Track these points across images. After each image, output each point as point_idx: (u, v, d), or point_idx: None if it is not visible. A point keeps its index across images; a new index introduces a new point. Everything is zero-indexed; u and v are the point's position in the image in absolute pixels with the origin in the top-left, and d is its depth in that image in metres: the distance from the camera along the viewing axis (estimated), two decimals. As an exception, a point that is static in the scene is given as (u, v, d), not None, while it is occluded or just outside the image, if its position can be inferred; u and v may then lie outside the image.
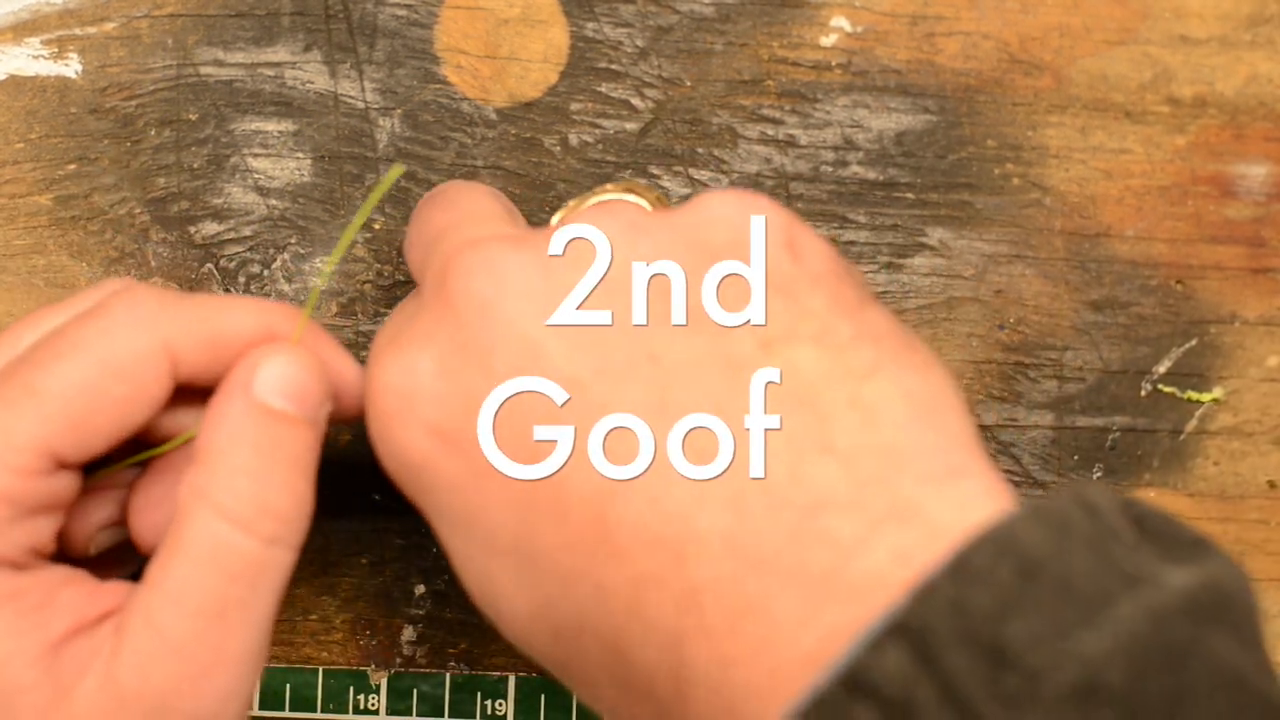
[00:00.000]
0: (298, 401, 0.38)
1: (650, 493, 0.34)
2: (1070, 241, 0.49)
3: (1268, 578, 0.49)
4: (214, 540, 0.36)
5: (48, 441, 0.36)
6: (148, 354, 0.37)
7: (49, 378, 0.36)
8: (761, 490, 0.33)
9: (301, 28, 0.48)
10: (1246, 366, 0.49)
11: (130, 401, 0.37)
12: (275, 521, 0.37)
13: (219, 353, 0.39)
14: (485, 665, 0.48)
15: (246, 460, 0.37)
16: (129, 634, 0.36)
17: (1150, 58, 0.49)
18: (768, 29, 0.49)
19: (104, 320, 0.37)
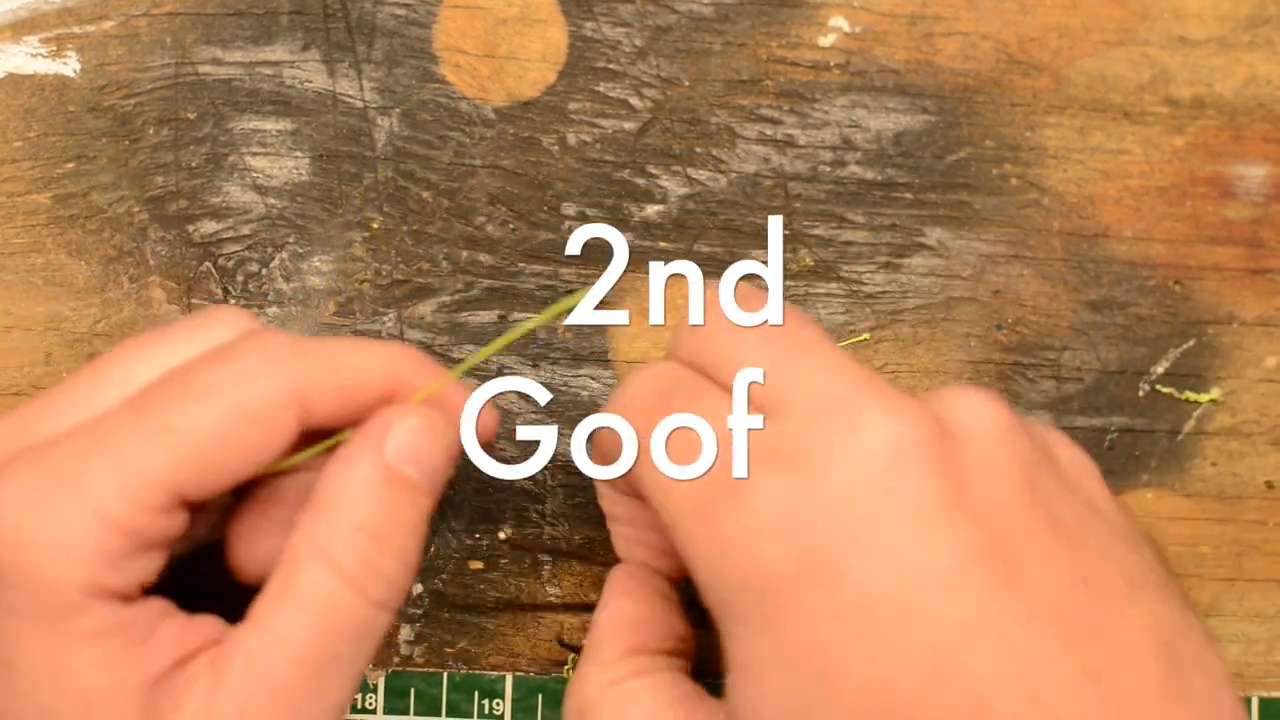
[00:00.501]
0: (427, 470, 0.39)
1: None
2: (1068, 242, 0.49)
3: (1265, 578, 0.49)
4: (327, 596, 0.37)
5: (176, 480, 0.37)
6: (281, 401, 0.38)
7: (184, 418, 0.37)
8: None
9: (300, 26, 0.48)
10: (1244, 367, 0.49)
11: (260, 447, 0.38)
12: (386, 587, 0.38)
13: (347, 400, 0.39)
14: (483, 665, 0.48)
15: (368, 522, 0.38)
16: (231, 672, 0.37)
17: (1149, 58, 0.49)
18: (766, 29, 0.49)
19: (239, 364, 0.38)
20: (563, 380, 0.48)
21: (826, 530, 0.35)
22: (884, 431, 0.36)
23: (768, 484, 0.36)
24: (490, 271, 0.48)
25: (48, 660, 0.36)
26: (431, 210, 0.48)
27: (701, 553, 0.37)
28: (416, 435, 0.39)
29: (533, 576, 0.48)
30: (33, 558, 0.36)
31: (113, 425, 0.37)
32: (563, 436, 0.48)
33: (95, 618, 0.36)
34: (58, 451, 0.37)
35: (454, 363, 0.48)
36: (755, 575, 0.36)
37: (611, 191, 0.49)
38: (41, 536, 0.36)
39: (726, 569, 0.36)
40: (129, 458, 0.36)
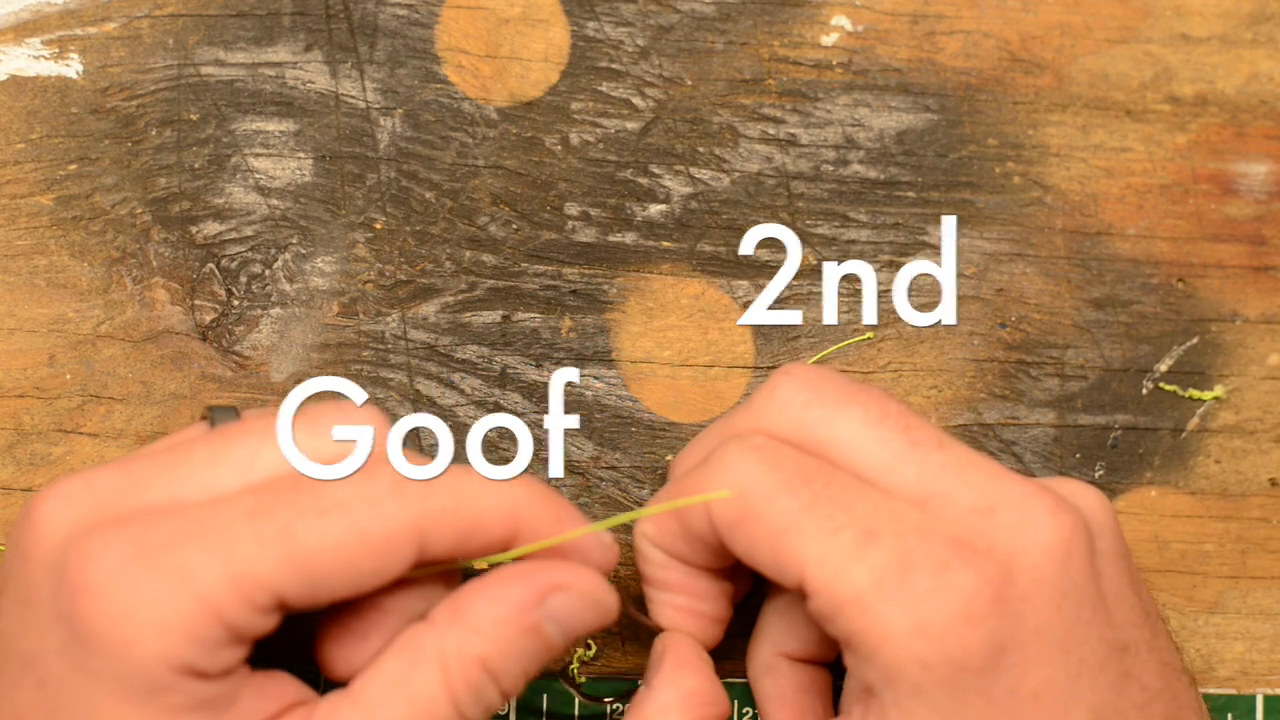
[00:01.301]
0: (568, 635, 0.40)
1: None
2: (1071, 240, 0.49)
3: (1269, 575, 0.49)
4: (431, 704, 0.38)
5: (284, 586, 0.37)
6: (403, 533, 0.38)
7: (308, 531, 0.37)
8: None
9: (302, 27, 0.48)
10: (1248, 365, 0.49)
11: (373, 574, 0.38)
12: (483, 712, 0.39)
13: (466, 539, 0.39)
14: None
15: (496, 661, 0.39)
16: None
17: (1151, 56, 0.49)
18: (769, 28, 0.49)
19: (370, 488, 0.38)
20: (566, 380, 0.48)
21: (1015, 622, 0.38)
22: (1054, 532, 0.39)
23: (968, 574, 0.38)
24: (493, 272, 0.48)
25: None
26: (434, 211, 0.48)
27: (893, 632, 0.38)
28: (578, 605, 0.40)
29: (537, 576, 0.48)
30: (126, 631, 0.36)
31: (229, 516, 0.37)
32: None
33: (181, 696, 0.37)
34: (169, 527, 0.37)
35: (458, 364, 0.48)
36: (951, 659, 0.38)
37: (614, 191, 0.49)
38: (139, 611, 0.36)
39: (924, 650, 0.38)
40: (242, 555, 0.37)
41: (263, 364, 0.48)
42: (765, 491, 0.40)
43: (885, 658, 0.38)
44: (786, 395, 0.41)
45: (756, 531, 0.40)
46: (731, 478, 0.40)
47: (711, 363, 0.49)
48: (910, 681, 0.38)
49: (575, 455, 0.49)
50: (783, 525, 0.39)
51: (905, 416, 0.41)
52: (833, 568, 0.38)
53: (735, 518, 0.40)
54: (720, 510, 0.40)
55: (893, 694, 0.38)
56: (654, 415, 0.49)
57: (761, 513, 0.39)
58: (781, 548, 0.39)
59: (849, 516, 0.39)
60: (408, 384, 0.48)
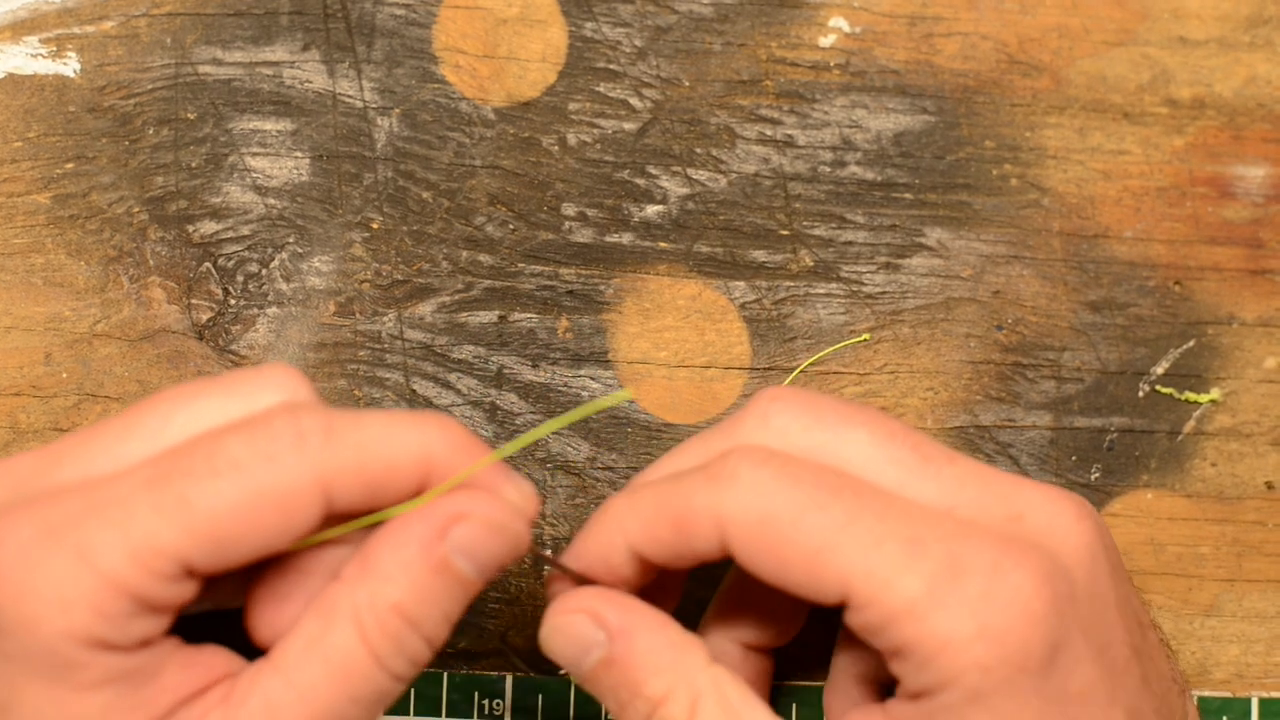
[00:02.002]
0: (481, 568, 0.38)
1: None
2: (1068, 242, 0.49)
3: (1266, 579, 0.49)
4: (351, 661, 0.37)
5: (188, 553, 0.36)
6: (305, 488, 0.37)
7: (204, 495, 0.36)
8: None
9: (300, 27, 0.48)
10: (1244, 368, 0.49)
11: (278, 532, 0.37)
12: (408, 664, 0.38)
13: (375, 489, 0.38)
14: (482, 665, 0.48)
15: (406, 604, 0.38)
16: (244, 714, 0.37)
17: (1149, 59, 0.49)
18: (766, 29, 0.49)
19: (267, 443, 0.37)
20: (563, 380, 0.48)
21: (1065, 622, 0.38)
22: (1082, 535, 0.39)
23: (1022, 574, 0.38)
24: (490, 272, 0.48)
25: (52, 709, 0.36)
26: (431, 210, 0.48)
27: (952, 638, 0.37)
28: (484, 533, 0.38)
29: (533, 576, 0.48)
30: (29, 610, 0.36)
31: (127, 489, 0.36)
32: (560, 437, 0.48)
33: (96, 670, 0.36)
34: (68, 505, 0.37)
35: (455, 364, 0.48)
36: (1011, 660, 0.37)
37: (611, 192, 0.49)
38: (39, 589, 0.36)
39: (984, 653, 0.37)
40: (139, 525, 0.36)
41: (259, 363, 0.48)
42: (792, 511, 0.38)
43: (943, 664, 0.37)
44: (784, 421, 0.40)
45: (787, 553, 0.38)
46: (748, 497, 0.39)
47: (708, 364, 0.49)
48: (968, 686, 0.37)
49: (572, 456, 0.49)
50: (817, 544, 0.38)
51: (911, 434, 0.40)
52: (881, 580, 0.38)
53: (759, 541, 0.39)
54: (741, 535, 0.39)
55: (948, 699, 0.38)
56: (650, 416, 0.49)
57: (791, 534, 0.38)
58: (819, 567, 0.38)
59: (887, 527, 0.38)
60: (404, 384, 0.48)
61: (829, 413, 0.40)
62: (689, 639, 0.40)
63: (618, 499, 0.41)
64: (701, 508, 0.39)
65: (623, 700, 0.40)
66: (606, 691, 0.40)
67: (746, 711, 0.39)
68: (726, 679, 0.40)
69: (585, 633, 0.40)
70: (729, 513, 0.39)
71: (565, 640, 0.40)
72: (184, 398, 0.38)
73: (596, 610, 0.40)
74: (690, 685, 0.39)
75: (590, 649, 0.40)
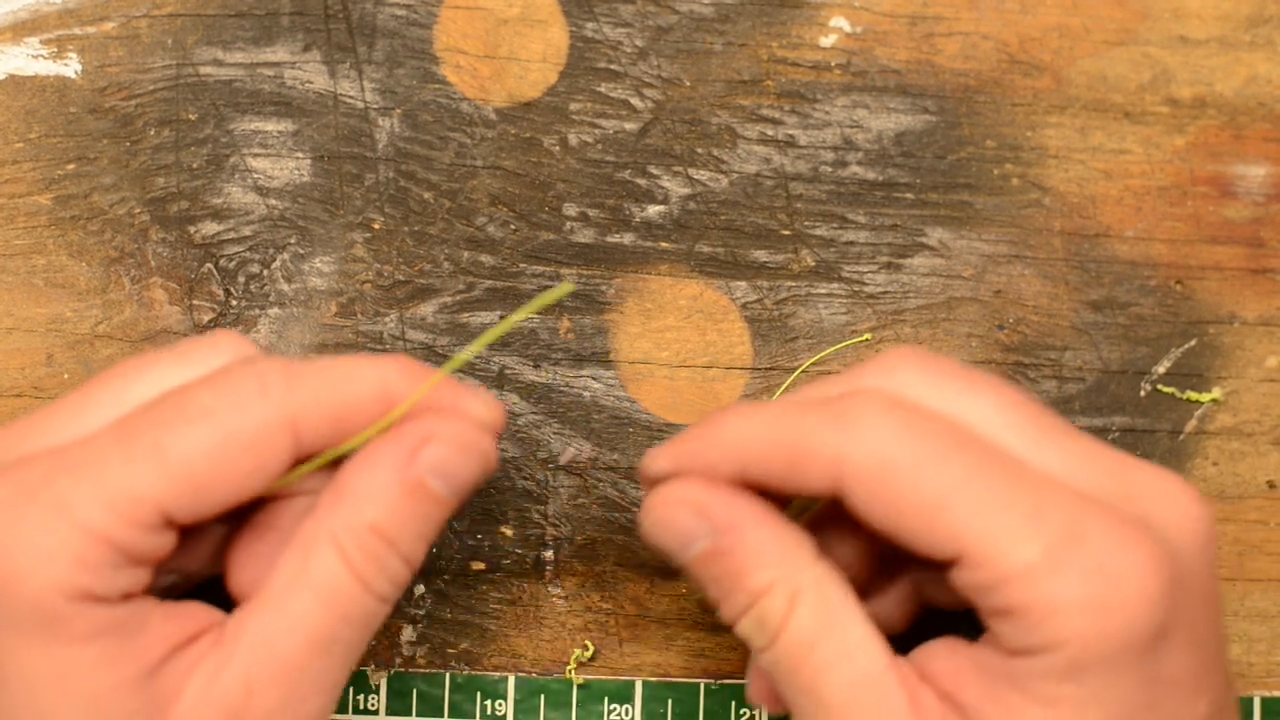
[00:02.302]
0: (454, 487, 0.39)
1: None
2: (1069, 242, 0.49)
3: (1267, 578, 0.49)
4: (336, 582, 0.38)
5: (164, 501, 0.37)
6: (274, 429, 0.38)
7: (177, 441, 0.37)
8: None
9: (301, 27, 0.48)
10: (1246, 367, 0.49)
11: (252, 472, 0.38)
12: (390, 584, 0.39)
13: (341, 424, 0.39)
14: (485, 665, 0.48)
15: (382, 524, 0.38)
16: (239, 649, 0.38)
17: (1150, 58, 0.49)
18: (767, 29, 0.49)
19: (233, 391, 0.38)
20: (564, 381, 0.48)
21: (1175, 606, 0.38)
22: (1199, 522, 0.39)
23: (1142, 554, 0.37)
24: (492, 272, 0.48)
25: (45, 665, 0.36)
26: (433, 211, 0.48)
27: (1064, 606, 0.37)
28: (453, 452, 0.39)
29: (535, 577, 0.48)
30: (12, 567, 0.36)
31: (99, 443, 0.37)
32: (560, 437, 0.48)
33: (86, 621, 0.36)
34: (39, 466, 0.37)
35: (455, 363, 0.48)
36: (1119, 636, 0.37)
37: (613, 192, 0.49)
38: (20, 546, 0.36)
39: (1094, 626, 0.37)
40: (115, 475, 0.37)
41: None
42: (915, 462, 0.38)
43: (1048, 630, 0.37)
44: (909, 377, 0.40)
45: (903, 504, 0.38)
46: (871, 442, 0.38)
47: (710, 364, 0.49)
48: (1068, 656, 0.37)
49: (574, 456, 0.49)
50: (937, 499, 0.38)
51: (1033, 404, 0.40)
52: (999, 542, 0.37)
53: (876, 488, 0.38)
54: (858, 480, 0.38)
55: (1043, 665, 0.37)
56: (652, 416, 0.49)
57: (910, 486, 0.38)
58: (936, 522, 0.38)
59: (1009, 490, 0.38)
60: (405, 384, 0.48)
61: (954, 374, 0.40)
62: (795, 534, 0.40)
63: (734, 415, 0.40)
64: (821, 446, 0.39)
65: (724, 591, 0.40)
66: (708, 581, 0.40)
67: (844, 612, 0.39)
68: (829, 578, 0.39)
69: (690, 525, 0.40)
70: (849, 456, 0.38)
71: (668, 532, 0.40)
72: (139, 368, 0.39)
73: (703, 504, 0.40)
74: (793, 580, 0.39)
75: (694, 541, 0.40)
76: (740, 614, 0.39)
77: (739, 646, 0.48)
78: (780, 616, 0.39)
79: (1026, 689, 0.37)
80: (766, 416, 0.40)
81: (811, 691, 0.39)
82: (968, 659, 0.39)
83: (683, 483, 0.40)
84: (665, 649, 0.48)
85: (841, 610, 0.39)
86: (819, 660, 0.39)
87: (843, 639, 0.39)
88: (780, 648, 0.39)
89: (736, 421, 0.40)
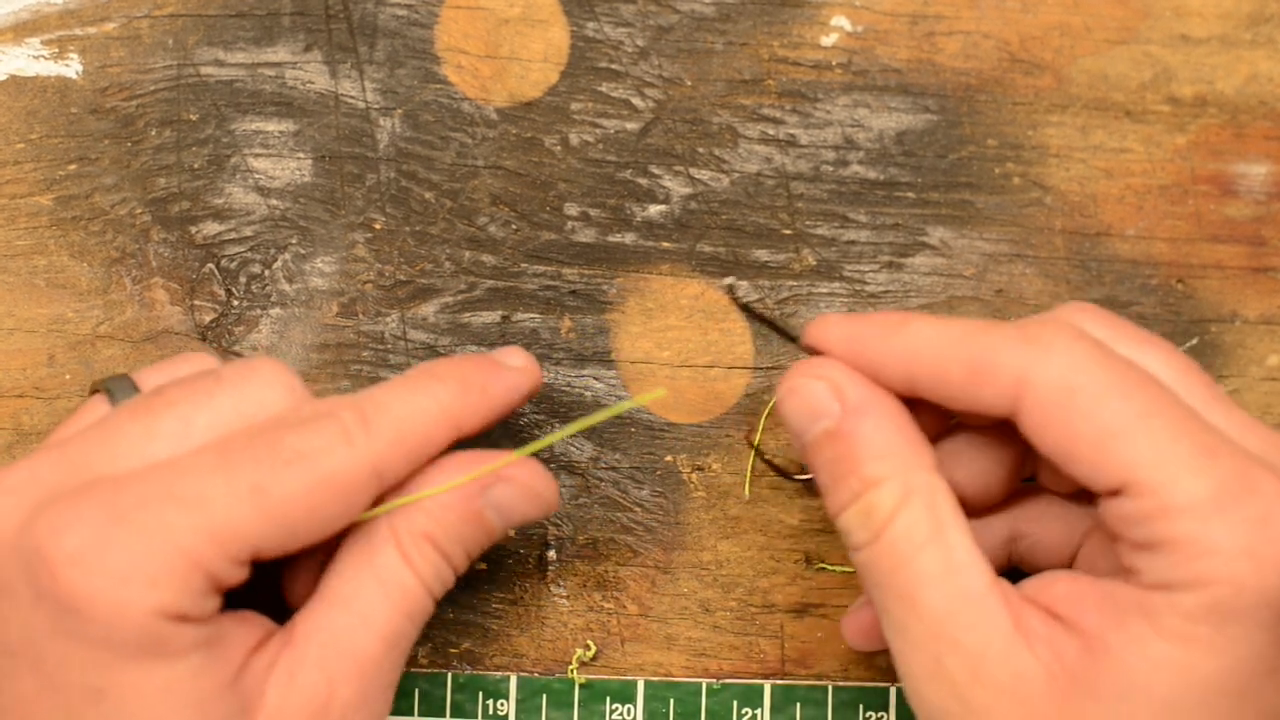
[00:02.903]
0: (509, 522, 0.42)
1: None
2: (1071, 241, 0.49)
3: (1269, 576, 0.49)
4: (399, 580, 0.40)
5: (258, 538, 0.38)
6: (363, 476, 0.40)
7: (277, 483, 0.38)
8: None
9: (302, 28, 0.48)
10: (1247, 365, 0.49)
11: (340, 517, 0.40)
12: (439, 582, 0.41)
13: (415, 460, 0.41)
14: (487, 665, 0.48)
15: (439, 536, 0.41)
16: (313, 648, 0.39)
17: (1151, 57, 0.49)
18: (768, 28, 0.49)
19: (322, 437, 0.39)
20: (566, 380, 0.48)
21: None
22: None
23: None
24: (493, 272, 0.48)
25: (147, 680, 0.37)
26: (434, 211, 0.48)
27: (1221, 548, 0.37)
28: (519, 496, 0.42)
29: (537, 577, 0.48)
30: (119, 592, 0.37)
31: (200, 475, 0.38)
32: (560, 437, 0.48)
33: (181, 640, 0.38)
34: (137, 489, 0.38)
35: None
36: (1266, 591, 0.37)
37: (614, 192, 0.49)
38: (127, 568, 0.37)
39: (1247, 574, 0.37)
40: (220, 511, 0.38)
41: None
42: (1098, 389, 0.38)
43: (1202, 568, 0.37)
44: (1089, 327, 0.41)
45: (1081, 428, 0.38)
46: (1059, 365, 0.39)
47: (711, 363, 0.49)
48: (1215, 598, 0.37)
49: (575, 456, 0.49)
50: (1115, 427, 0.38)
51: (1205, 373, 0.41)
52: (1168, 474, 0.38)
53: (1056, 410, 0.39)
54: (1040, 400, 0.39)
55: (1185, 602, 0.37)
56: (653, 416, 0.49)
57: (1090, 411, 0.38)
58: (1109, 449, 0.38)
59: (1185, 429, 0.38)
60: (407, 384, 0.48)
61: (1132, 330, 0.41)
62: (922, 440, 0.40)
63: (918, 318, 0.41)
64: (1007, 362, 0.39)
65: (837, 475, 0.40)
66: (824, 464, 0.40)
67: (953, 525, 0.39)
68: (943, 489, 0.40)
69: (821, 401, 0.40)
70: (1036, 376, 0.39)
71: (799, 403, 0.41)
72: (198, 398, 0.40)
73: (838, 382, 0.40)
74: (907, 479, 0.39)
75: (821, 417, 0.40)
76: (847, 503, 0.40)
77: (741, 646, 0.48)
78: (888, 512, 0.39)
79: (1159, 622, 0.37)
80: (952, 326, 0.40)
81: (908, 597, 0.39)
82: (1093, 588, 0.39)
83: (825, 360, 0.41)
84: (667, 648, 0.48)
85: (951, 522, 0.39)
86: (921, 566, 0.39)
87: (947, 549, 0.39)
88: (882, 545, 0.39)
89: (920, 324, 0.40)
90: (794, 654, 0.48)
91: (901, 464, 0.39)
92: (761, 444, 0.48)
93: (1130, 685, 0.37)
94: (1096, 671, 0.38)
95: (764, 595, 0.48)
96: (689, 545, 0.48)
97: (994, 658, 0.38)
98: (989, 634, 0.38)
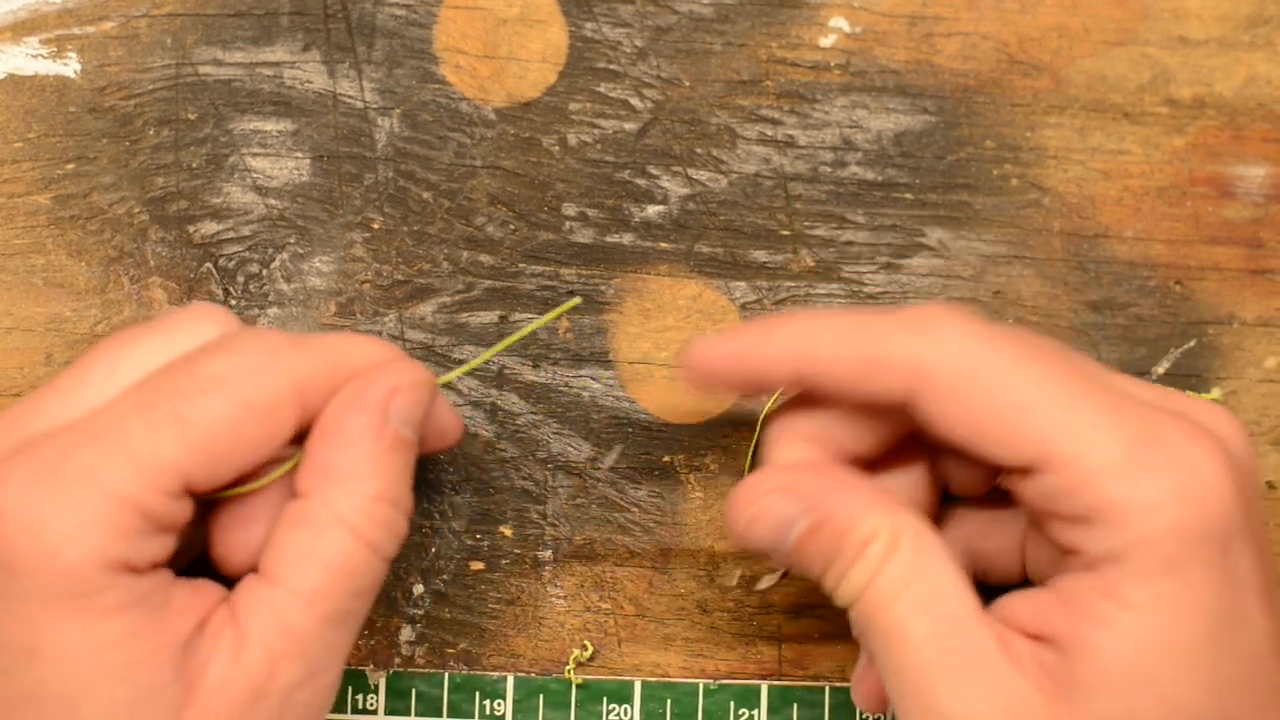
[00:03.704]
0: (416, 426, 0.41)
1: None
2: (1069, 242, 0.49)
3: (1266, 578, 0.49)
4: (349, 557, 0.39)
5: (186, 468, 0.38)
6: (284, 395, 0.39)
7: (195, 410, 0.38)
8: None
9: (300, 27, 0.48)
10: (1245, 367, 0.49)
11: (264, 440, 0.39)
12: (395, 541, 0.40)
13: (337, 388, 0.40)
14: (483, 665, 0.48)
15: (385, 491, 0.40)
16: (256, 628, 0.39)
17: (1149, 59, 0.49)
18: (766, 29, 0.49)
19: (244, 358, 0.39)
20: (563, 381, 0.48)
21: (1242, 508, 0.38)
22: (1243, 436, 0.40)
23: (1215, 452, 0.38)
24: (491, 272, 0.48)
25: (80, 638, 0.37)
26: (432, 211, 0.48)
27: (1153, 500, 0.37)
28: (412, 396, 0.41)
29: (534, 577, 0.48)
30: (48, 541, 0.36)
31: (120, 414, 0.38)
32: (560, 437, 0.48)
33: (119, 591, 0.37)
34: (60, 440, 0.38)
35: (455, 364, 0.48)
36: (1208, 529, 0.37)
37: (612, 192, 0.49)
38: (54, 520, 0.37)
39: (1186, 518, 0.37)
40: (140, 443, 0.37)
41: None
42: (995, 366, 0.38)
43: (1140, 526, 0.37)
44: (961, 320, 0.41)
45: (984, 408, 0.38)
46: (952, 348, 0.39)
47: (708, 364, 0.49)
48: (1163, 551, 0.37)
49: (572, 456, 0.49)
50: (1019, 403, 0.38)
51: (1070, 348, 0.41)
52: (1082, 439, 0.38)
53: (955, 394, 0.39)
54: (936, 386, 0.39)
55: (1138, 565, 0.37)
56: (650, 416, 0.49)
57: (991, 390, 0.38)
58: (1018, 425, 0.38)
59: (1088, 391, 0.38)
60: (405, 384, 0.48)
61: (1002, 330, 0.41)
62: (879, 488, 0.41)
63: (797, 317, 0.40)
64: (898, 353, 0.39)
65: (829, 557, 0.40)
66: (814, 557, 0.40)
67: (935, 554, 0.39)
68: (922, 523, 0.40)
69: (785, 510, 0.40)
70: (928, 362, 0.39)
71: (767, 525, 0.40)
72: (125, 343, 0.40)
73: (789, 485, 0.40)
74: (892, 524, 0.39)
75: (793, 523, 0.40)
76: (846, 572, 0.40)
77: (738, 646, 0.48)
78: (879, 559, 0.39)
79: (1119, 596, 0.37)
80: (834, 321, 0.40)
81: (899, 633, 0.39)
82: (1047, 597, 0.39)
83: (761, 475, 0.41)
84: (664, 649, 0.48)
85: (933, 550, 0.39)
86: (911, 599, 0.39)
87: (933, 582, 0.39)
88: (872, 591, 0.39)
89: (801, 323, 0.40)
90: (791, 655, 0.48)
91: (880, 513, 0.40)
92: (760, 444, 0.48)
93: (1114, 669, 0.37)
94: (1081, 670, 0.37)
95: (761, 596, 0.48)
96: (686, 546, 0.48)
97: (985, 683, 0.38)
98: (978, 660, 0.38)
